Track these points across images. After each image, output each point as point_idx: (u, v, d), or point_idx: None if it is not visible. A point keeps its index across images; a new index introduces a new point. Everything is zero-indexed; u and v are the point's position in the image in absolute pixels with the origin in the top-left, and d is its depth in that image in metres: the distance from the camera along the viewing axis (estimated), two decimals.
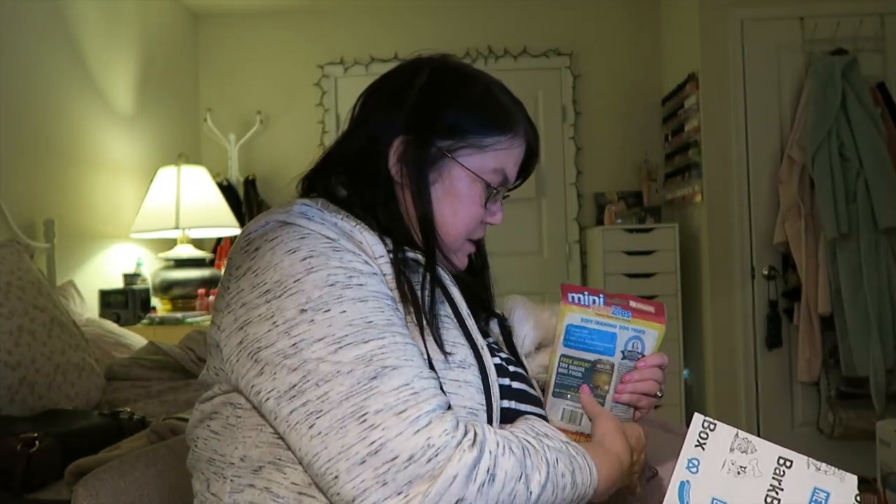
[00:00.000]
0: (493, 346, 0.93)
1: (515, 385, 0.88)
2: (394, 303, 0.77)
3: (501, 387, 0.83)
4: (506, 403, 0.83)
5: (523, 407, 0.87)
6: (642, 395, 0.94)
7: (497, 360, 0.87)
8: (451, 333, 0.82)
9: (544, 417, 0.90)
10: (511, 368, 0.90)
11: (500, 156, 0.88)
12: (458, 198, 0.87)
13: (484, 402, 0.79)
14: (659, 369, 0.94)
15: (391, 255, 0.80)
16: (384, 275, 0.78)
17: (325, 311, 0.71)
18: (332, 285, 0.72)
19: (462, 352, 0.81)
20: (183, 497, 0.96)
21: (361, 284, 0.73)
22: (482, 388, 0.80)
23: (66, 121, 2.93)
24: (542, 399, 0.94)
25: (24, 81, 2.66)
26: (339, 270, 0.73)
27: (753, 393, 3.30)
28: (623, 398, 0.93)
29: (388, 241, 0.82)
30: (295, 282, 0.72)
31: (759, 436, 0.71)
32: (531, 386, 0.92)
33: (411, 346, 0.73)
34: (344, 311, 0.71)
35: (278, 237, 0.76)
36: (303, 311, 0.71)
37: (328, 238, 0.76)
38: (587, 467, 0.75)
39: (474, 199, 0.87)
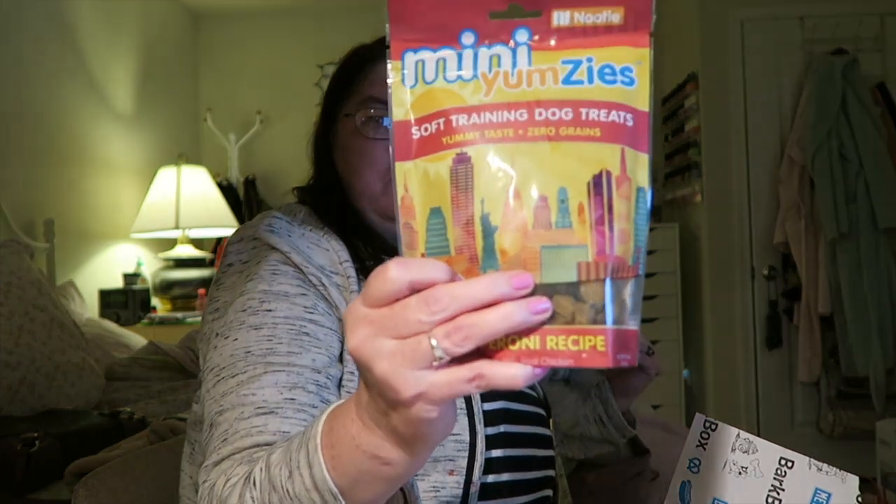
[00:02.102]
0: None
1: None
2: (310, 324, 0.74)
3: None
4: (494, 405, 0.82)
5: (516, 406, 0.86)
6: None
7: None
8: None
9: (542, 416, 0.90)
10: None
11: (363, 86, 0.89)
12: (346, 142, 0.88)
13: (464, 405, 0.78)
14: None
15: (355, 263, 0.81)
16: (348, 277, 0.79)
17: (225, 338, 0.73)
18: (243, 311, 0.74)
19: None
20: None
21: (269, 310, 0.74)
22: None
23: (66, 121, 2.92)
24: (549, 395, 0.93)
25: (24, 81, 2.66)
26: (259, 295, 0.75)
27: (753, 393, 3.30)
28: None
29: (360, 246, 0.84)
30: (224, 303, 0.77)
31: (759, 436, 0.71)
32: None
33: (271, 375, 0.69)
34: (236, 339, 0.72)
35: (240, 258, 0.81)
36: (217, 335, 0.75)
37: (276, 262, 0.77)
38: None
39: (355, 134, 0.87)
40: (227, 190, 3.84)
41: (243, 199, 4.02)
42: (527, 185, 0.40)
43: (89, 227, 3.07)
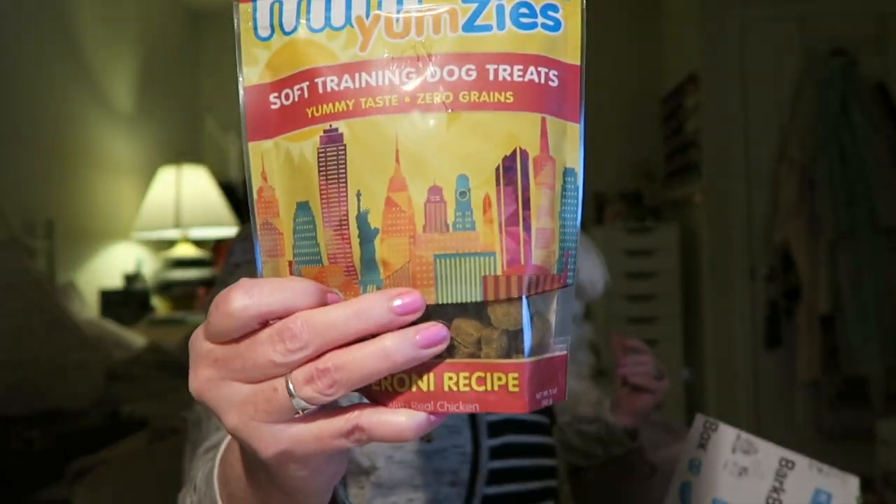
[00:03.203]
0: None
1: None
2: None
3: None
4: (497, 416, 0.80)
5: (522, 416, 0.85)
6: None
7: None
8: None
9: (546, 425, 0.89)
10: None
11: None
12: None
13: (467, 416, 0.77)
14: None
15: None
16: None
17: None
18: None
19: None
20: None
21: None
22: None
23: (66, 120, 2.92)
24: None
25: (24, 81, 2.66)
26: None
27: (753, 393, 3.30)
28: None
29: None
30: None
31: (759, 436, 0.71)
32: None
33: None
34: None
35: (246, 257, 0.80)
36: None
37: None
38: None
39: None
40: (227, 190, 3.84)
41: (243, 199, 4.01)
42: (416, 172, 0.30)
43: (89, 227, 3.07)
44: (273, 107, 0.33)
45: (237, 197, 3.98)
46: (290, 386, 0.30)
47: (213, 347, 0.32)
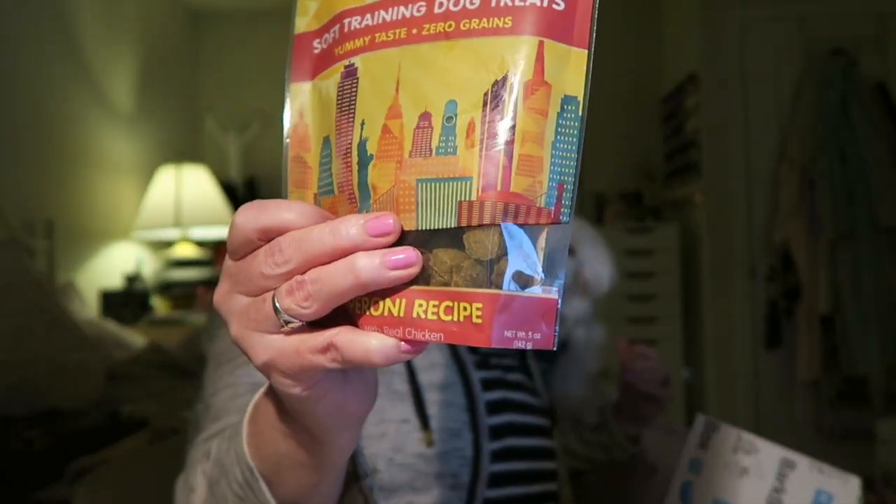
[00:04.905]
0: (491, 355, 0.91)
1: (515, 397, 0.85)
2: None
3: (494, 401, 0.81)
4: (500, 418, 0.81)
5: (522, 419, 0.85)
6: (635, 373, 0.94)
7: (488, 374, 0.83)
8: (432, 354, 0.79)
9: (547, 428, 0.89)
10: (511, 378, 0.87)
11: None
12: None
13: (469, 420, 0.77)
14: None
15: None
16: None
17: (227, 327, 0.73)
18: None
19: (439, 372, 0.78)
20: None
21: None
22: (467, 406, 0.78)
23: (66, 120, 2.92)
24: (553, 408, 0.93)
25: (24, 81, 2.66)
26: None
27: (753, 393, 3.30)
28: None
29: None
30: None
31: (759, 436, 0.71)
32: (536, 393, 0.90)
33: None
34: None
35: None
36: (217, 326, 0.76)
37: None
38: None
39: None
40: (227, 190, 3.84)
41: (243, 199, 4.01)
42: (411, 99, 0.30)
43: (89, 227, 3.06)
44: (315, 51, 0.36)
45: (237, 197, 3.98)
46: (276, 298, 0.32)
47: (231, 263, 0.36)
